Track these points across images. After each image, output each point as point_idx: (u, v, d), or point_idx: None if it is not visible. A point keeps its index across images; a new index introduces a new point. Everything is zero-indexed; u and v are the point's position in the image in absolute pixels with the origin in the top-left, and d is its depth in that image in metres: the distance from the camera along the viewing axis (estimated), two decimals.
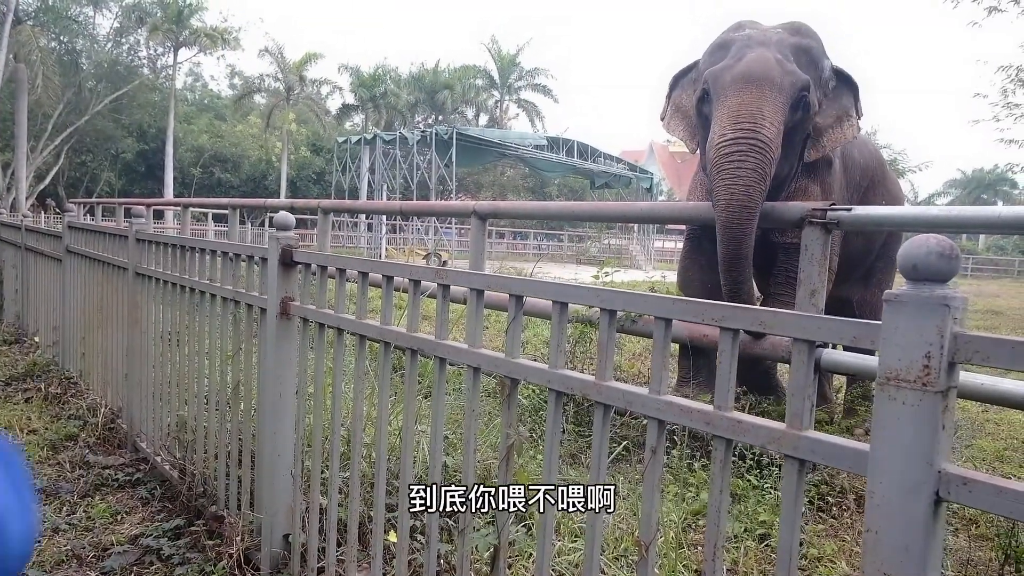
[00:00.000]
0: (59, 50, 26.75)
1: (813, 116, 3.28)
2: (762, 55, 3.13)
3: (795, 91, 3.04)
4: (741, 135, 2.97)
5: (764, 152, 2.93)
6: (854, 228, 3.15)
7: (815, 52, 3.31)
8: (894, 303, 0.90)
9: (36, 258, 5.87)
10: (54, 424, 4.01)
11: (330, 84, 36.19)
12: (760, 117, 2.96)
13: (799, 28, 3.39)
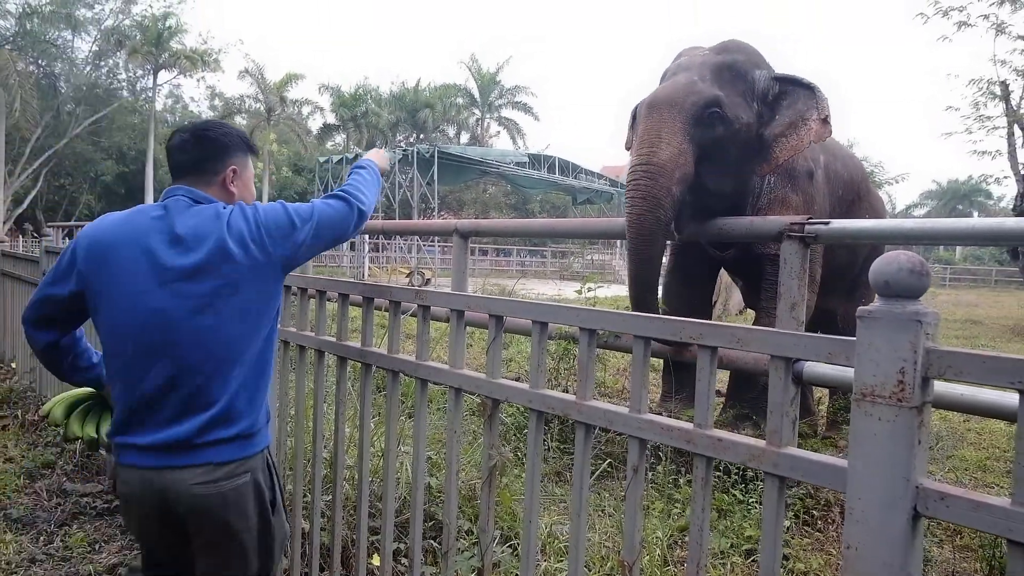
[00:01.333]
0: (37, 74, 26.56)
1: (747, 129, 3.28)
2: (674, 82, 3.24)
3: (697, 108, 3.11)
4: (637, 162, 3.08)
5: (656, 176, 3.00)
6: (832, 241, 3.17)
7: (740, 65, 3.34)
8: (867, 319, 0.91)
9: (13, 283, 5.79)
10: (31, 452, 3.93)
11: (311, 104, 36.22)
12: (657, 141, 3.06)
13: (727, 46, 3.46)
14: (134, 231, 1.53)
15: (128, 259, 1.51)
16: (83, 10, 26.68)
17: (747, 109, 3.26)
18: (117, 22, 27.29)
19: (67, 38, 27.57)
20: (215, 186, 1.63)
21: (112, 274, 1.52)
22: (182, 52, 27.48)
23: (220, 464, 1.52)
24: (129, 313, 1.51)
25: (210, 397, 1.51)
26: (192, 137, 1.64)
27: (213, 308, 1.50)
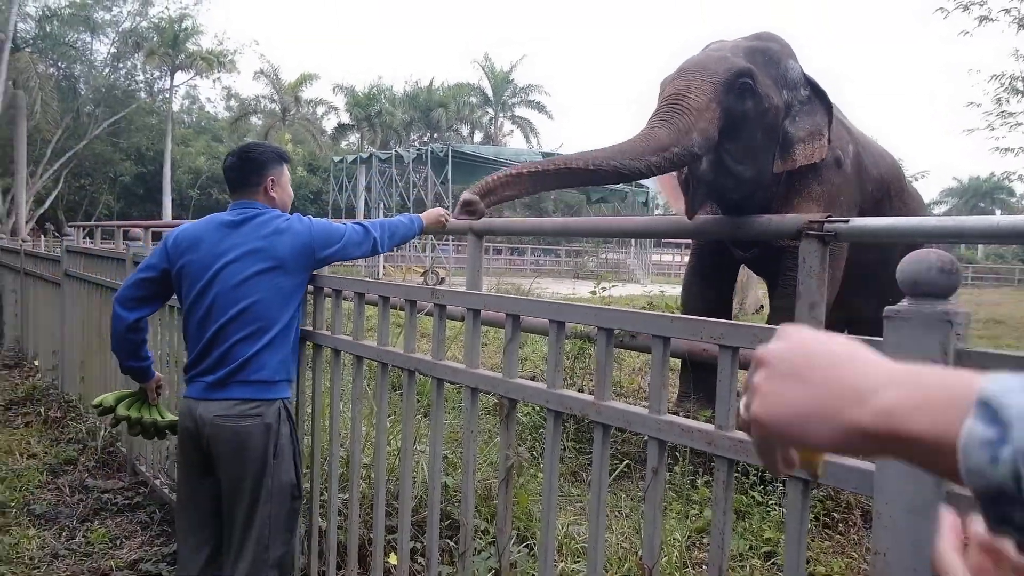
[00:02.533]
0: (57, 76, 26.93)
1: (776, 113, 3.21)
2: (704, 53, 3.16)
3: (729, 74, 2.99)
4: (662, 104, 2.96)
5: (681, 113, 2.88)
6: (852, 240, 3.13)
7: (774, 52, 3.27)
8: (895, 319, 0.89)
9: (35, 282, 5.87)
10: (53, 448, 3.98)
11: (325, 104, 36.43)
12: (685, 91, 2.94)
13: (759, 35, 3.37)
14: (206, 228, 2.07)
15: (200, 246, 2.03)
16: (101, 12, 26.99)
17: (777, 94, 3.17)
18: (134, 24, 27.58)
19: (86, 40, 27.93)
20: (260, 194, 2.13)
21: (189, 258, 2.04)
22: (198, 53, 27.74)
23: (238, 402, 1.95)
24: (196, 286, 2.01)
25: (243, 351, 1.96)
26: (237, 159, 2.16)
27: (255, 286, 1.98)
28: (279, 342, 2.01)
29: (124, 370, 2.28)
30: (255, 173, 2.11)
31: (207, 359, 1.99)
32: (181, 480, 2.17)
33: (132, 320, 2.11)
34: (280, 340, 2.01)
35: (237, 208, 2.09)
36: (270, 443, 1.97)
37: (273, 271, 1.99)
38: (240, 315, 1.97)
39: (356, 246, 2.17)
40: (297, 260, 2.03)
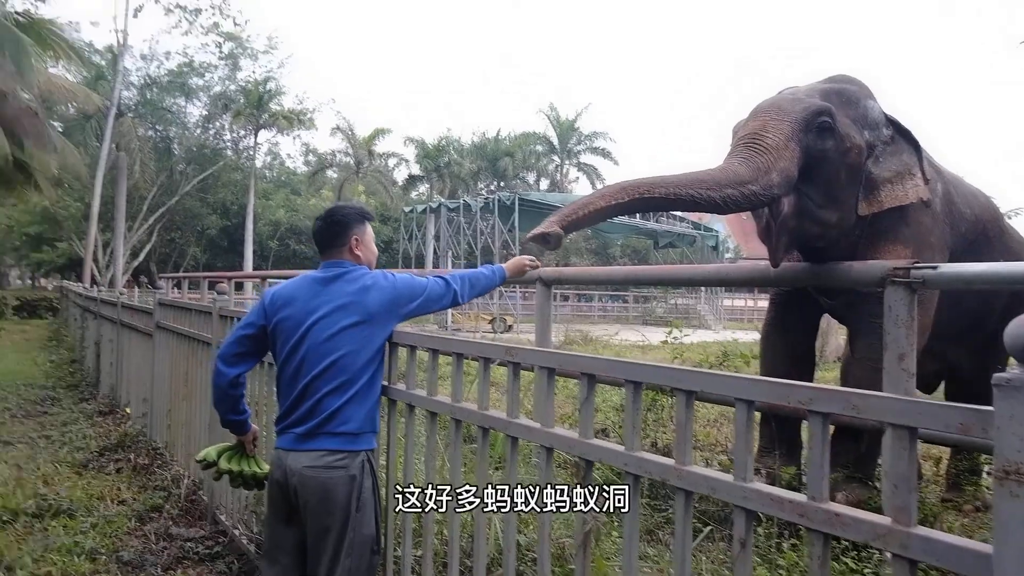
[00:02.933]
0: (155, 138, 29.02)
1: (858, 153, 3.09)
2: (778, 95, 3.09)
3: (807, 113, 2.89)
4: (739, 144, 2.87)
5: (760, 152, 2.79)
6: (942, 287, 2.96)
7: (851, 93, 3.16)
8: (1006, 388, 0.83)
9: (130, 333, 6.22)
10: (141, 495, 4.15)
11: (396, 156, 37.78)
12: (761, 131, 2.86)
13: (834, 78, 3.27)
14: (299, 286, 2.21)
15: (294, 303, 2.16)
16: (195, 79, 29.07)
17: (858, 133, 3.05)
18: (224, 88, 29.55)
19: (181, 104, 30.06)
20: (346, 253, 2.24)
21: (284, 314, 2.16)
22: (280, 113, 29.37)
23: (326, 453, 2.02)
24: (290, 341, 2.12)
25: (331, 404, 2.04)
26: (323, 223, 2.28)
27: (343, 340, 2.07)
28: (364, 395, 2.09)
29: (224, 424, 2.38)
30: (340, 234, 2.23)
31: (297, 411, 2.08)
32: (268, 529, 2.24)
33: (233, 376, 2.23)
34: (365, 393, 2.09)
35: (327, 267, 2.21)
36: (353, 495, 2.01)
37: (360, 325, 2.09)
38: (329, 368, 2.05)
39: (438, 299, 2.26)
40: (383, 314, 2.13)
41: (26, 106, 14.35)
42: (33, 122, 14.12)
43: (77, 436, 5.63)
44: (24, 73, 13.10)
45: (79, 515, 3.80)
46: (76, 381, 8.65)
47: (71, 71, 21.20)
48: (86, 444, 5.36)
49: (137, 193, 26.60)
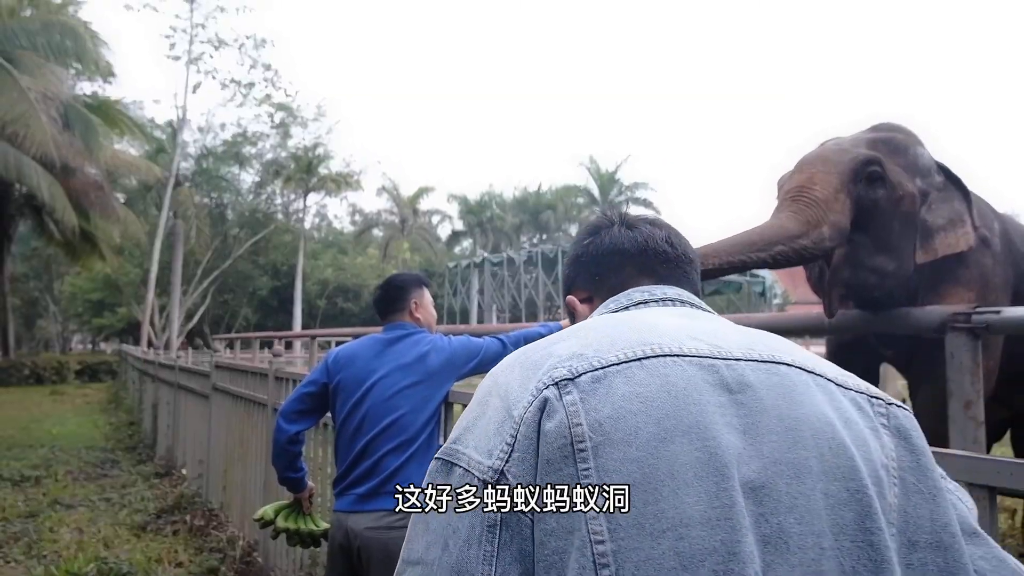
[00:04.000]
0: (210, 205, 30.36)
1: (911, 201, 3.04)
2: (822, 147, 3.04)
3: (855, 163, 2.81)
4: (786, 198, 2.81)
5: (809, 204, 2.72)
6: (1007, 332, 2.85)
7: (899, 141, 3.11)
8: None
9: (187, 395, 6.40)
10: (197, 557, 4.20)
11: (440, 213, 38.62)
12: (809, 183, 2.79)
13: (879, 126, 3.22)
14: (362, 346, 2.29)
15: (356, 362, 2.23)
16: (248, 148, 30.50)
17: (910, 180, 3.01)
18: (275, 155, 30.90)
19: (235, 172, 31.48)
20: (406, 315, 2.34)
21: (346, 373, 2.23)
22: (328, 176, 30.46)
23: (387, 513, 2.03)
24: (351, 399, 2.18)
25: (391, 463, 2.08)
26: (383, 290, 2.41)
27: (404, 399, 2.13)
28: (424, 454, 2.12)
29: (281, 481, 2.44)
30: (400, 298, 2.34)
31: (356, 470, 2.12)
32: None
33: (293, 432, 2.29)
34: (424, 452, 2.13)
35: (389, 329, 2.31)
36: None
37: (419, 385, 2.16)
38: (389, 427, 2.11)
39: (493, 359, 2.30)
40: (441, 374, 2.21)
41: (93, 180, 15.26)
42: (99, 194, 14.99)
43: (136, 498, 5.76)
44: (92, 150, 13.98)
45: None
46: (134, 443, 8.89)
47: (134, 145, 22.51)
48: (144, 506, 5.48)
49: (192, 258, 27.70)
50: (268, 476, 3.75)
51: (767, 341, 0.76)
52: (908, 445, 0.71)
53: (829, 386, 0.71)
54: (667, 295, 0.88)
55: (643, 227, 0.97)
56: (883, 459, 0.68)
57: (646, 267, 0.92)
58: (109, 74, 16.31)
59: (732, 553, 0.58)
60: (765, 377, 0.68)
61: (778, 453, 0.64)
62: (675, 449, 0.61)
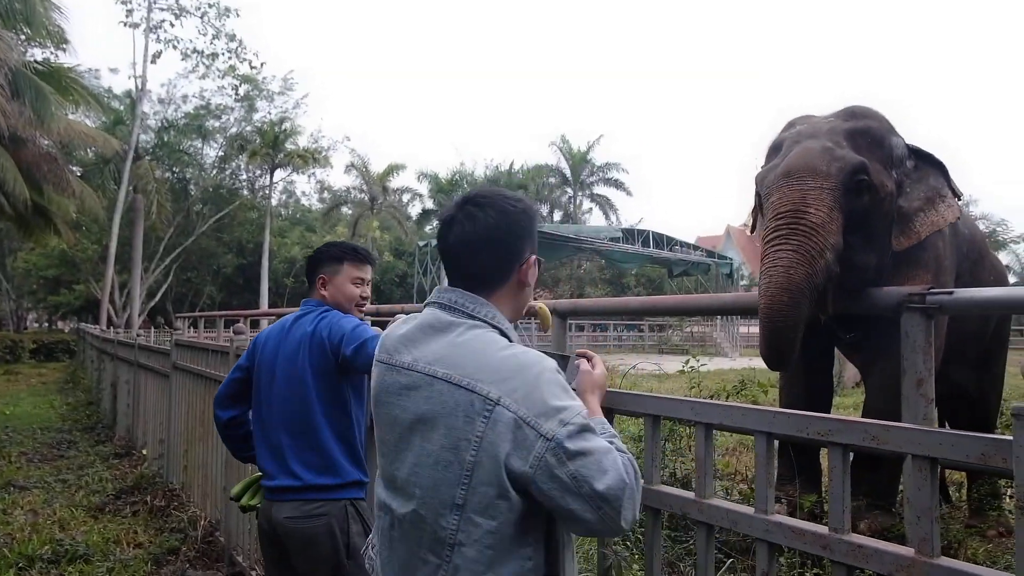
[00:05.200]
0: (171, 179, 29.57)
1: (890, 199, 3.09)
2: (805, 148, 3.00)
3: (845, 175, 2.84)
4: (782, 222, 2.81)
5: (809, 235, 2.73)
6: (958, 312, 2.94)
7: (876, 131, 3.13)
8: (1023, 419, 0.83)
9: (146, 374, 6.27)
10: (158, 537, 4.14)
11: (411, 191, 38.18)
12: (803, 205, 2.79)
13: (854, 112, 3.22)
14: (273, 330, 2.20)
15: (268, 346, 2.15)
16: (212, 121, 29.70)
17: (889, 178, 3.04)
18: (240, 129, 30.15)
19: (197, 146, 30.67)
20: (316, 293, 2.21)
21: (260, 358, 2.16)
22: (295, 152, 29.84)
23: (304, 503, 2.00)
24: (260, 386, 2.13)
25: (288, 454, 2.03)
26: (306, 259, 2.27)
27: (293, 386, 2.04)
28: (328, 442, 2.03)
29: (240, 459, 2.45)
30: (311, 272, 2.23)
31: (271, 461, 2.08)
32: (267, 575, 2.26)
33: (226, 419, 2.24)
34: (329, 440, 2.03)
35: (302, 305, 2.22)
36: (339, 543, 1.98)
37: (306, 371, 2.04)
38: (284, 415, 2.04)
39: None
40: (317, 359, 2.05)
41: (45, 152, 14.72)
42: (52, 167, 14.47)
43: (93, 479, 5.65)
44: (44, 119, 13.46)
45: (95, 560, 3.79)
46: (92, 423, 8.71)
47: (90, 117, 21.76)
48: (102, 487, 5.37)
49: (154, 234, 27.01)
50: (230, 455, 3.70)
51: (447, 358, 1.18)
52: (506, 422, 1.10)
53: (458, 390, 1.14)
54: (434, 299, 1.27)
55: (455, 227, 1.25)
56: (478, 428, 1.11)
57: (446, 266, 1.27)
58: (62, 41, 15.65)
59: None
60: (418, 380, 1.19)
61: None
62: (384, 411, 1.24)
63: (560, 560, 1.16)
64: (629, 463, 1.11)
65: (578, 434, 1.08)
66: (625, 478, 1.07)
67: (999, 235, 28.77)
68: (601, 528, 1.09)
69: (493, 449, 1.09)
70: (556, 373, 1.15)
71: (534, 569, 1.13)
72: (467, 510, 1.11)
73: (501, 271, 1.25)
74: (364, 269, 2.23)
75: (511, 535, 1.11)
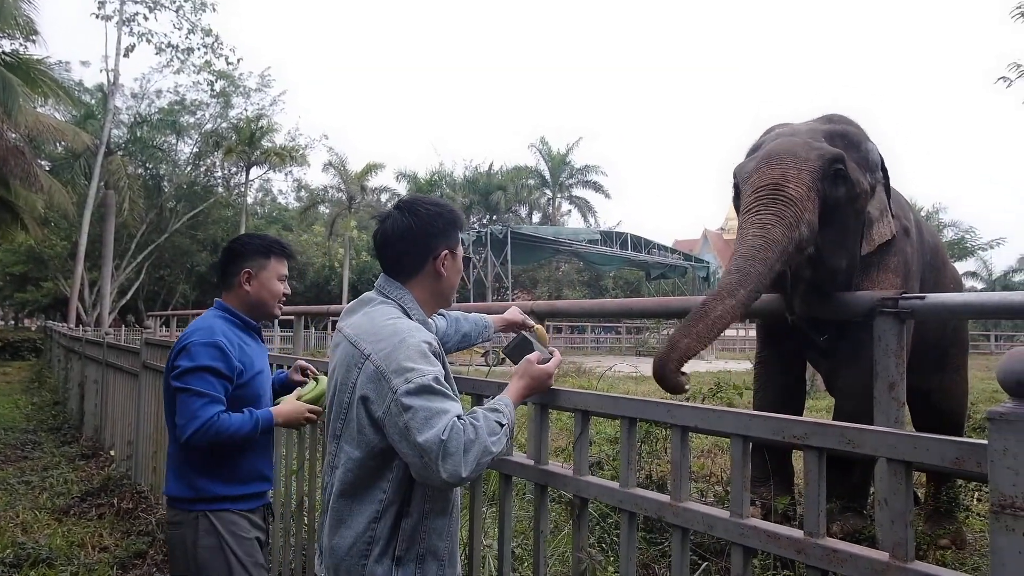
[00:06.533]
0: (144, 176, 29.04)
1: (865, 197, 3.13)
2: (785, 138, 3.06)
3: (823, 162, 2.87)
4: (761, 194, 2.82)
5: (787, 204, 2.75)
6: (930, 317, 2.98)
7: (854, 135, 3.18)
8: (999, 422, 0.83)
9: (115, 373, 6.14)
10: (124, 541, 4.04)
11: (389, 191, 37.90)
12: (783, 180, 2.81)
13: (832, 118, 3.30)
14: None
15: None
16: (186, 116, 29.25)
17: (864, 177, 3.07)
18: (216, 126, 29.73)
19: (171, 142, 30.17)
20: (232, 291, 2.06)
21: None
22: (272, 149, 29.49)
23: (168, 511, 2.04)
24: None
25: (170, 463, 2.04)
26: (223, 250, 2.10)
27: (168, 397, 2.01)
28: (179, 455, 2.00)
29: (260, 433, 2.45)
30: (230, 265, 2.07)
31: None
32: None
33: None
34: (179, 454, 2.00)
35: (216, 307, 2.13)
36: (188, 555, 1.96)
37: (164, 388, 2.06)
38: (169, 426, 2.04)
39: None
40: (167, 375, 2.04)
41: (13, 145, 14.37)
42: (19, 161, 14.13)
43: (58, 481, 5.50)
44: (11, 112, 13.14)
45: (59, 564, 3.69)
46: (59, 424, 8.50)
47: (60, 110, 21.32)
48: (67, 489, 5.24)
49: (126, 231, 26.52)
50: None
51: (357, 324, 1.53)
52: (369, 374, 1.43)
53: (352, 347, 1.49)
54: (374, 286, 1.63)
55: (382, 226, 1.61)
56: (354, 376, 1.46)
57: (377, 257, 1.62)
58: (31, 32, 15.28)
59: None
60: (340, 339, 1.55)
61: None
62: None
63: (414, 504, 1.44)
64: (472, 431, 1.32)
65: (415, 392, 1.33)
66: (442, 436, 1.29)
67: (967, 242, 29.36)
68: (425, 474, 1.33)
69: (361, 392, 1.41)
70: (422, 343, 1.41)
71: (387, 503, 1.43)
72: (343, 440, 1.47)
73: (414, 263, 1.56)
74: (286, 265, 2.14)
75: (371, 467, 1.43)
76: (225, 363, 1.92)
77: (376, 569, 1.42)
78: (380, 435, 1.39)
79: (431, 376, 1.34)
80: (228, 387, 1.94)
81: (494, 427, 1.36)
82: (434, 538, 1.46)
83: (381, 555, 1.42)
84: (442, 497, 1.48)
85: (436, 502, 1.47)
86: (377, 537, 1.42)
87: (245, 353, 2.01)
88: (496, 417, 1.39)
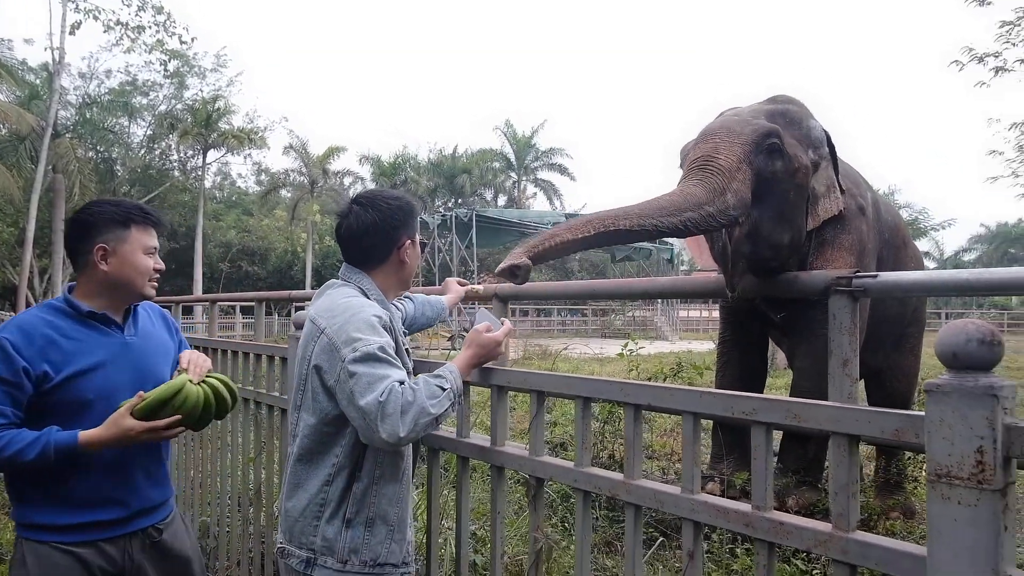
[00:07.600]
0: (96, 159, 28.11)
1: (805, 172, 3.18)
2: (725, 118, 3.16)
3: (756, 135, 2.94)
4: (693, 167, 2.91)
5: (714, 173, 2.83)
6: (883, 295, 3.05)
7: (795, 113, 3.25)
8: (936, 394, 0.84)
9: None
10: None
11: (352, 175, 37.46)
12: (713, 152, 2.90)
13: (776, 99, 3.38)
14: None
15: None
16: (139, 98, 28.34)
17: (804, 153, 3.14)
18: (170, 107, 28.88)
19: (124, 124, 29.23)
20: (86, 272, 1.69)
21: None
22: (230, 132, 28.80)
23: None
24: None
25: None
26: (68, 223, 1.77)
27: None
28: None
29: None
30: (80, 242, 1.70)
31: None
32: None
33: None
34: (15, 479, 1.67)
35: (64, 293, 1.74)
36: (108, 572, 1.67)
37: None
38: None
39: None
40: None
41: None
42: None
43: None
44: None
45: (8, 559, 3.59)
46: None
47: (2, 90, 20.46)
48: None
49: None
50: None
51: (319, 305, 1.65)
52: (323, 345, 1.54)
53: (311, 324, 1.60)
54: (337, 276, 1.74)
55: (344, 221, 1.71)
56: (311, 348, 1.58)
57: (340, 250, 1.74)
58: None
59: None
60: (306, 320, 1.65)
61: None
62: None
63: (365, 468, 1.54)
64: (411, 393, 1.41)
65: (361, 360, 1.43)
66: (380, 399, 1.38)
67: (920, 223, 30.23)
68: (368, 435, 1.43)
69: (315, 362, 1.53)
70: (373, 317, 1.51)
71: (339, 467, 1.53)
72: (301, 409, 1.59)
73: (379, 254, 1.68)
74: (154, 235, 1.77)
75: (326, 433, 1.54)
76: (6, 365, 1.54)
77: (327, 530, 1.52)
78: (333, 402, 1.50)
79: (376, 345, 1.44)
80: (17, 394, 1.55)
81: (435, 391, 1.44)
82: (384, 503, 1.55)
83: (332, 516, 1.52)
84: (392, 463, 1.57)
85: (387, 467, 1.56)
86: (329, 499, 1.53)
87: (60, 350, 1.61)
88: (437, 382, 1.47)
